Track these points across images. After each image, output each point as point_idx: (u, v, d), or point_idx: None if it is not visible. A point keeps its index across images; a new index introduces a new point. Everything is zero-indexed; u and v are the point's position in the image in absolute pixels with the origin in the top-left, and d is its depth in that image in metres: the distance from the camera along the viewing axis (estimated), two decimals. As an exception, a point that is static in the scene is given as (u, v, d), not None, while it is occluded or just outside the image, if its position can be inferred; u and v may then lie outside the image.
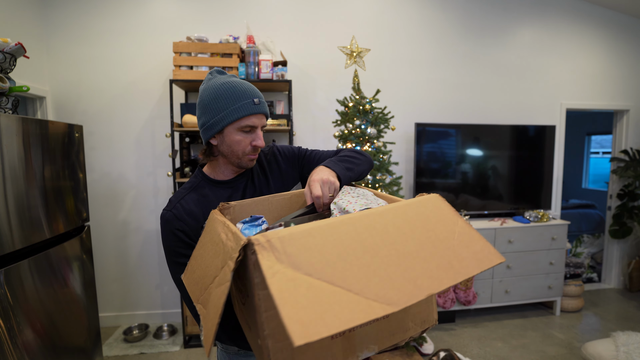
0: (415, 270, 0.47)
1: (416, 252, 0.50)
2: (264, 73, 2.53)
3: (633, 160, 3.41)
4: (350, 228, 0.50)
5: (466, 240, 0.54)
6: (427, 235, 0.53)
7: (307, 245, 0.46)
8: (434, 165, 2.99)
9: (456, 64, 3.17)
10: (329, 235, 0.48)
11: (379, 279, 0.44)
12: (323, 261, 0.44)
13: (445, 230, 0.55)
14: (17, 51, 1.62)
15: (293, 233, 0.47)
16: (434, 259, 0.49)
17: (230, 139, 0.87)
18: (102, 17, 2.68)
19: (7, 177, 1.40)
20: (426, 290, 0.44)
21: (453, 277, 0.47)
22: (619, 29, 3.44)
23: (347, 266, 0.44)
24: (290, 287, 0.40)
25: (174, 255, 0.87)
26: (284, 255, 0.44)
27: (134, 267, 2.88)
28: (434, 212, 0.59)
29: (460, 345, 2.54)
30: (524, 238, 2.88)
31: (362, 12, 2.99)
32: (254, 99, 0.86)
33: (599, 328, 2.82)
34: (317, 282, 0.41)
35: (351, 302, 0.40)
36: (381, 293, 0.42)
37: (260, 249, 0.45)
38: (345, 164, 0.91)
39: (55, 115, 2.69)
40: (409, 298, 0.42)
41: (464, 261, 0.50)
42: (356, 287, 0.42)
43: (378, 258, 0.47)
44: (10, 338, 1.36)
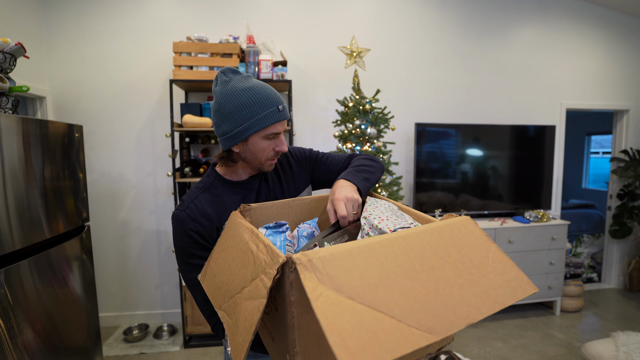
0: (454, 298, 0.46)
1: (454, 278, 0.49)
2: (264, 73, 2.53)
3: (633, 160, 3.41)
4: (388, 250, 0.50)
5: (500, 268, 0.54)
6: (463, 261, 0.53)
7: (348, 267, 0.45)
8: (434, 165, 2.99)
9: (456, 64, 3.17)
10: (368, 257, 0.48)
11: (420, 305, 0.43)
12: (365, 284, 0.44)
13: (479, 256, 0.54)
14: (17, 51, 1.62)
15: (334, 254, 0.46)
16: (470, 287, 0.48)
17: (255, 147, 0.86)
18: (102, 17, 2.68)
19: (7, 177, 1.40)
20: (465, 319, 0.43)
21: (490, 306, 0.47)
22: (619, 29, 3.44)
23: (389, 291, 0.44)
24: (334, 311, 0.39)
25: (187, 256, 0.87)
26: (326, 277, 0.43)
27: (134, 267, 2.88)
28: (467, 236, 0.58)
29: (460, 345, 2.54)
30: (524, 238, 2.88)
31: (362, 12, 2.99)
32: (278, 105, 0.85)
33: (599, 328, 2.82)
34: (360, 307, 0.41)
35: (395, 330, 0.39)
36: (423, 321, 0.41)
37: (302, 268, 0.44)
38: (363, 174, 0.91)
39: (55, 115, 2.69)
40: (450, 327, 0.42)
41: (499, 289, 0.50)
42: (398, 314, 0.41)
43: (418, 283, 0.46)
44: (10, 338, 1.36)
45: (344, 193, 0.81)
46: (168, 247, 2.90)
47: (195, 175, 2.59)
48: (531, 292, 0.52)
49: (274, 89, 0.88)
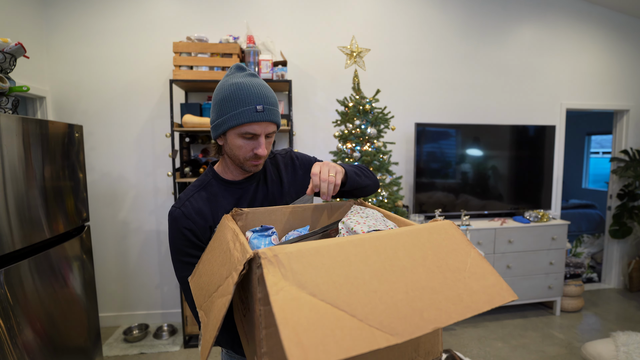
0: (423, 301, 0.45)
1: (426, 281, 0.48)
2: (264, 73, 2.53)
3: (633, 160, 3.41)
4: (359, 249, 0.49)
5: (478, 273, 0.52)
6: (438, 264, 0.51)
7: (314, 264, 0.45)
8: (434, 165, 2.99)
9: (456, 64, 3.17)
10: (337, 255, 0.47)
11: (385, 306, 0.42)
12: (329, 282, 0.43)
13: (457, 261, 0.53)
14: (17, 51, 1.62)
15: (301, 250, 0.46)
16: (443, 290, 0.47)
17: (232, 144, 0.85)
18: (102, 17, 2.68)
19: (7, 177, 1.40)
20: (432, 323, 0.42)
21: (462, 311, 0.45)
22: (619, 29, 3.44)
23: (354, 290, 0.43)
24: (293, 306, 0.39)
25: (179, 253, 0.87)
26: (290, 272, 0.43)
27: (134, 267, 2.88)
28: (447, 240, 0.57)
29: (460, 345, 2.54)
30: (524, 238, 2.88)
31: (362, 12, 2.99)
32: (257, 105, 0.80)
33: (599, 328, 2.82)
34: (321, 303, 0.40)
35: (354, 328, 0.38)
36: (386, 322, 0.40)
37: (267, 263, 0.43)
38: (356, 169, 0.95)
39: (55, 115, 2.69)
40: (414, 330, 0.40)
41: (475, 295, 0.48)
42: (361, 313, 0.40)
43: (386, 284, 0.45)
44: (10, 338, 1.36)
45: (326, 163, 0.84)
46: (168, 247, 2.89)
47: (195, 175, 2.59)
48: (509, 299, 0.50)
49: (264, 89, 0.84)
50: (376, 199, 2.26)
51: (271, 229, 0.78)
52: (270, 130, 0.85)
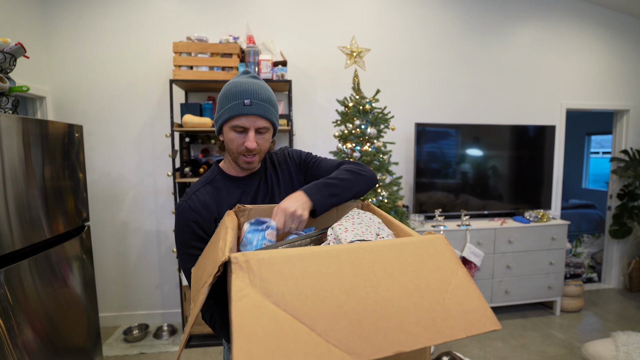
0: (391, 321, 0.42)
1: (398, 300, 0.45)
2: (264, 73, 2.53)
3: (633, 160, 3.41)
4: (333, 261, 0.47)
5: (461, 296, 0.48)
6: (417, 283, 0.48)
7: (284, 273, 0.44)
8: (434, 165, 2.99)
9: (456, 63, 3.17)
10: (309, 266, 0.46)
11: (348, 323, 0.40)
12: (295, 292, 0.42)
13: (439, 280, 0.50)
14: (17, 51, 1.62)
15: (273, 257, 0.45)
16: (416, 312, 0.44)
17: (227, 137, 0.90)
18: (102, 17, 2.68)
19: (7, 177, 1.40)
20: (396, 346, 0.40)
21: (431, 337, 0.42)
22: (619, 29, 3.44)
23: (319, 302, 0.42)
24: (252, 314, 0.38)
25: (184, 245, 0.91)
26: (258, 279, 0.42)
27: (134, 267, 2.88)
28: (434, 256, 0.53)
29: (460, 346, 2.55)
30: (524, 238, 2.88)
31: (362, 12, 2.99)
32: (244, 99, 0.85)
33: (599, 328, 2.82)
34: (282, 313, 0.39)
35: (310, 343, 0.37)
36: (345, 340, 0.39)
37: (237, 268, 0.43)
38: (331, 189, 0.87)
39: (55, 115, 2.69)
40: (374, 351, 0.39)
41: (451, 320, 0.45)
42: (321, 328, 0.39)
43: (354, 300, 0.43)
44: (10, 338, 1.36)
45: (289, 205, 0.79)
46: (168, 247, 2.90)
47: (195, 175, 2.58)
48: (490, 328, 0.46)
49: (256, 87, 0.87)
50: (376, 199, 2.26)
51: (266, 223, 0.77)
52: (260, 124, 0.88)
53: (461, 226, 2.79)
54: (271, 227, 0.75)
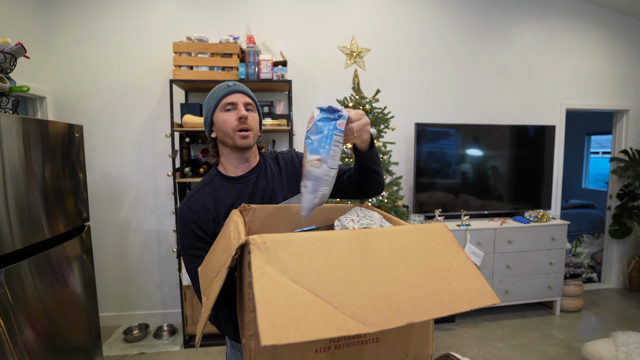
0: (401, 296, 0.46)
1: (406, 278, 0.49)
2: (264, 73, 2.53)
3: (633, 160, 3.41)
4: (345, 243, 0.51)
5: (462, 275, 0.53)
6: (422, 264, 0.52)
7: (300, 253, 0.47)
8: (434, 165, 2.99)
9: (456, 64, 3.17)
10: (322, 247, 0.49)
11: (362, 297, 0.44)
12: (311, 270, 0.45)
13: (442, 262, 0.54)
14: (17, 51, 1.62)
15: (289, 239, 0.48)
16: (423, 288, 0.48)
17: (219, 122, 0.96)
18: (102, 17, 2.68)
19: (7, 177, 1.40)
20: (407, 317, 0.43)
21: (438, 309, 0.46)
22: (619, 29, 3.44)
23: (333, 279, 0.45)
24: (273, 289, 0.41)
25: (186, 246, 0.93)
26: (276, 259, 0.45)
27: (134, 267, 2.88)
28: (436, 241, 0.58)
29: (460, 346, 2.55)
30: (524, 238, 2.88)
31: (362, 12, 2.99)
32: (228, 83, 0.97)
33: (598, 328, 2.82)
34: (300, 289, 0.42)
35: (328, 314, 0.40)
36: (360, 312, 0.42)
37: (255, 249, 0.46)
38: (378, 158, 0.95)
39: (55, 115, 2.69)
40: (387, 322, 0.42)
41: (455, 295, 0.49)
42: (337, 301, 0.42)
43: (366, 277, 0.47)
44: (10, 338, 1.36)
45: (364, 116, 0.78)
46: (168, 247, 2.90)
47: (195, 175, 2.59)
48: (491, 302, 0.50)
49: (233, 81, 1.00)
50: (376, 199, 2.26)
51: (339, 112, 0.71)
52: (245, 100, 0.98)
53: (461, 226, 2.80)
54: (343, 117, 0.71)
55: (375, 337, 0.58)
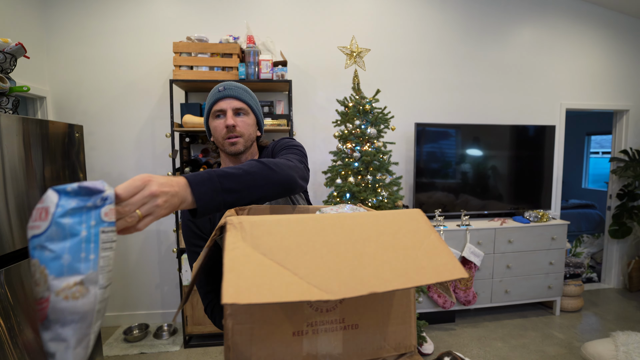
0: (366, 269, 0.47)
1: (374, 254, 0.50)
2: (264, 73, 2.53)
3: (633, 160, 3.41)
4: (317, 224, 0.53)
5: (432, 252, 0.54)
6: (392, 242, 0.53)
7: (272, 232, 0.49)
8: (434, 165, 2.99)
9: (456, 64, 3.17)
10: (295, 227, 0.51)
11: (327, 269, 0.46)
12: (281, 247, 0.47)
13: (413, 240, 0.55)
14: (17, 51, 1.62)
15: (264, 220, 0.51)
16: (390, 263, 0.49)
17: (212, 128, 0.98)
18: (102, 17, 2.68)
19: (7, 177, 1.40)
20: (369, 287, 0.44)
21: (403, 281, 0.47)
22: (619, 29, 3.44)
23: (301, 254, 0.47)
24: (242, 260, 0.44)
25: (187, 243, 0.97)
26: (249, 236, 0.48)
27: (134, 267, 2.88)
28: (409, 223, 0.59)
29: (460, 345, 2.55)
30: (523, 238, 2.88)
31: (362, 12, 2.99)
32: (219, 87, 0.97)
33: (598, 328, 2.82)
34: (268, 261, 0.45)
35: (292, 282, 0.42)
36: (324, 282, 0.43)
37: (231, 227, 0.48)
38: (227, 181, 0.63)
39: (56, 115, 2.69)
40: (349, 291, 0.43)
41: (421, 270, 0.50)
42: (302, 272, 0.44)
43: (333, 253, 0.49)
44: (10, 338, 1.36)
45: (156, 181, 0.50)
46: (168, 247, 2.90)
47: (195, 175, 2.58)
48: (458, 275, 0.51)
49: (230, 82, 1.00)
50: (376, 199, 2.26)
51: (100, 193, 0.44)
52: (236, 104, 0.97)
53: (461, 226, 2.80)
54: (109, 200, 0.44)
55: (354, 322, 0.59)
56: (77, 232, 0.41)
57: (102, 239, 0.43)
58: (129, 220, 0.47)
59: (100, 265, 0.43)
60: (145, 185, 0.49)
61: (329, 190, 2.91)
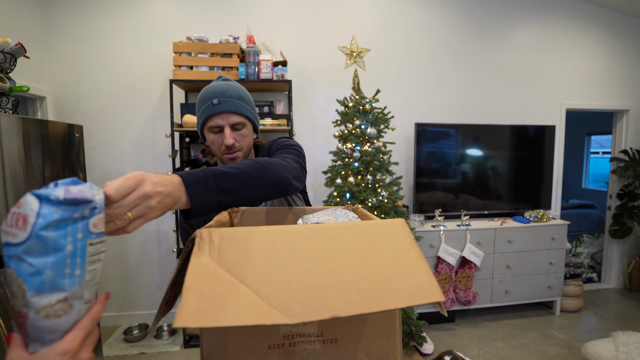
0: (333, 290, 0.45)
1: (343, 272, 0.47)
2: (264, 73, 2.53)
3: (633, 160, 3.41)
4: (287, 237, 0.50)
5: (408, 271, 0.50)
6: (366, 259, 0.50)
7: (240, 246, 0.48)
8: (434, 165, 2.99)
9: (456, 64, 3.17)
10: (264, 240, 0.49)
11: (291, 289, 0.43)
12: (246, 262, 0.46)
13: (390, 257, 0.51)
14: (17, 51, 1.62)
15: (234, 233, 0.49)
16: (359, 283, 0.46)
17: (208, 140, 0.94)
18: (102, 17, 2.68)
19: (7, 177, 1.40)
20: (332, 311, 0.42)
21: (369, 305, 0.44)
22: (619, 29, 3.44)
23: (267, 271, 0.45)
24: (204, 277, 0.42)
25: (184, 245, 0.96)
26: (216, 250, 0.46)
27: (134, 267, 2.88)
28: (388, 235, 0.55)
29: (460, 345, 2.55)
30: (524, 238, 2.88)
31: (362, 12, 2.99)
32: (212, 100, 0.88)
33: (598, 328, 2.82)
34: (231, 279, 0.43)
35: (252, 303, 0.41)
36: (285, 303, 0.41)
37: (199, 241, 0.47)
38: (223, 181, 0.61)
39: (55, 115, 2.69)
40: (310, 314, 0.41)
41: (393, 292, 0.46)
42: (264, 292, 0.42)
43: (300, 270, 0.46)
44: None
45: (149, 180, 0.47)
46: (168, 247, 2.90)
47: (195, 175, 2.58)
48: (434, 299, 0.47)
49: (224, 87, 0.90)
50: (376, 199, 2.26)
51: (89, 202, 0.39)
52: (233, 120, 0.90)
53: (461, 226, 2.80)
54: (98, 209, 0.40)
55: (334, 337, 0.57)
56: (62, 246, 0.36)
57: (89, 252, 0.39)
58: (119, 223, 0.44)
59: (87, 279, 0.39)
60: (138, 184, 0.45)
61: (329, 190, 2.91)
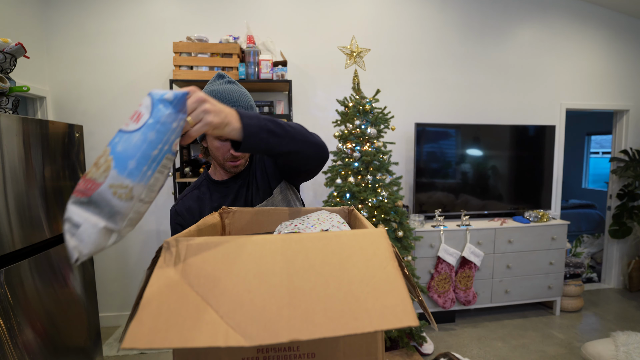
0: (297, 309, 0.42)
1: (310, 290, 0.44)
2: (264, 73, 2.53)
3: (633, 160, 3.41)
4: (256, 249, 0.48)
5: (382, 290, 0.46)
6: (337, 274, 0.47)
7: (206, 258, 0.46)
8: (434, 165, 2.99)
9: (456, 64, 3.17)
10: (232, 252, 0.47)
11: (252, 308, 0.41)
12: (210, 276, 0.44)
13: (364, 273, 0.48)
14: (17, 51, 1.62)
15: (201, 243, 0.47)
16: (326, 302, 0.43)
17: (212, 145, 0.93)
18: (102, 17, 2.68)
19: (7, 177, 1.40)
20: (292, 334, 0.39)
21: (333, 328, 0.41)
22: (619, 29, 3.44)
23: (230, 286, 0.43)
24: (164, 292, 0.41)
25: None
26: (182, 262, 0.45)
27: (134, 267, 2.88)
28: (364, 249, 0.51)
29: (460, 345, 2.55)
30: (524, 238, 2.88)
31: (362, 12, 2.99)
32: None
33: (598, 328, 2.82)
34: (192, 294, 0.41)
35: (209, 322, 0.39)
36: (244, 323, 0.39)
37: (166, 251, 0.46)
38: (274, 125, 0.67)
39: (55, 115, 2.69)
40: (268, 337, 0.39)
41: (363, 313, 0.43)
42: (224, 310, 0.40)
43: (265, 286, 0.44)
44: (10, 338, 1.36)
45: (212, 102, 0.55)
46: (168, 247, 2.90)
47: (195, 175, 2.59)
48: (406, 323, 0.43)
49: (236, 95, 0.89)
50: (376, 199, 2.26)
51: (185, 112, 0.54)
52: None
53: (461, 226, 2.80)
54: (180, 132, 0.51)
55: (311, 351, 0.54)
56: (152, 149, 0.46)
57: (163, 163, 0.48)
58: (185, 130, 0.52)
59: (150, 183, 0.47)
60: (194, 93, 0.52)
61: (329, 190, 2.91)
